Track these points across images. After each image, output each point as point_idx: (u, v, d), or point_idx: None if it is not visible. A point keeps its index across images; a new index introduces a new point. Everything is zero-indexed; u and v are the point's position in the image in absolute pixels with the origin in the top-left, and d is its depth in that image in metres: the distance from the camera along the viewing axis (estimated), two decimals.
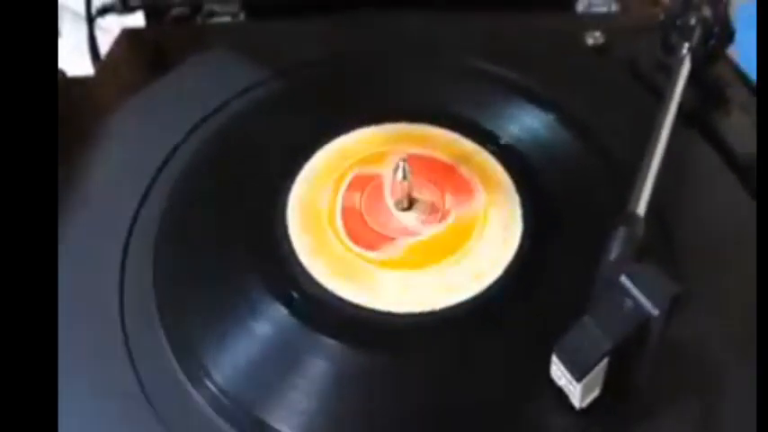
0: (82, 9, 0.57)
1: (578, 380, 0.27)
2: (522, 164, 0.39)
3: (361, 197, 0.37)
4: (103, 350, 0.32)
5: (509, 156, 0.39)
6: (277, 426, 0.29)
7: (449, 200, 0.37)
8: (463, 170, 0.39)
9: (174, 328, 0.32)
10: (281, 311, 0.32)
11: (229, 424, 0.29)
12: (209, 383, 0.30)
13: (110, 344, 0.32)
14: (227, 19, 0.54)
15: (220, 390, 0.30)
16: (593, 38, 0.51)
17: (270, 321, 0.32)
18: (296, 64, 0.46)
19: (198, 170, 0.39)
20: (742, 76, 0.48)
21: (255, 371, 0.31)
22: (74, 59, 0.55)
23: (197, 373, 0.31)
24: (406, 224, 0.36)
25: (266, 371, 0.31)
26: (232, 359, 0.31)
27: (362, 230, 0.36)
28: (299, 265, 0.34)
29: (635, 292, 0.28)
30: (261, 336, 0.32)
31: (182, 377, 0.31)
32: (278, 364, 0.31)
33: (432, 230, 0.36)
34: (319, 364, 0.30)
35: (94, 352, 0.32)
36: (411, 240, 0.35)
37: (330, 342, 0.31)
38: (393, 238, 0.36)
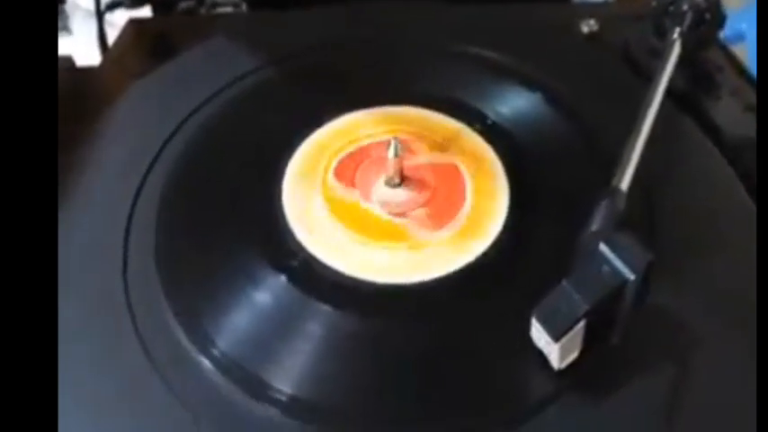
0: (92, 5, 0.58)
1: (556, 340, 0.28)
2: (508, 142, 0.40)
3: (352, 174, 0.39)
4: (108, 320, 0.33)
5: (496, 134, 0.41)
6: (276, 384, 0.30)
7: (438, 177, 0.38)
8: (452, 148, 0.40)
9: (177, 297, 0.34)
10: (279, 280, 0.34)
11: (233, 383, 0.30)
12: (212, 347, 0.31)
13: (114, 313, 0.33)
14: (229, 9, 0.56)
15: (223, 353, 0.31)
16: (588, 25, 0.51)
17: (268, 289, 0.34)
18: (292, 51, 0.47)
19: (199, 149, 0.41)
20: (733, 62, 0.48)
21: (255, 334, 0.32)
22: (84, 55, 0.56)
23: (200, 337, 0.32)
24: (396, 200, 0.37)
25: (264, 334, 0.32)
26: (234, 325, 0.33)
27: (353, 206, 0.37)
28: (294, 238, 0.36)
29: (612, 258, 0.29)
30: (260, 303, 0.33)
31: (185, 341, 0.32)
32: (275, 328, 0.32)
33: (421, 206, 0.37)
34: (313, 328, 0.32)
35: (99, 322, 0.33)
36: (401, 215, 0.37)
37: (323, 308, 0.32)
38: (383, 213, 0.37)
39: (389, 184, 0.38)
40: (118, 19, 0.60)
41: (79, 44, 0.62)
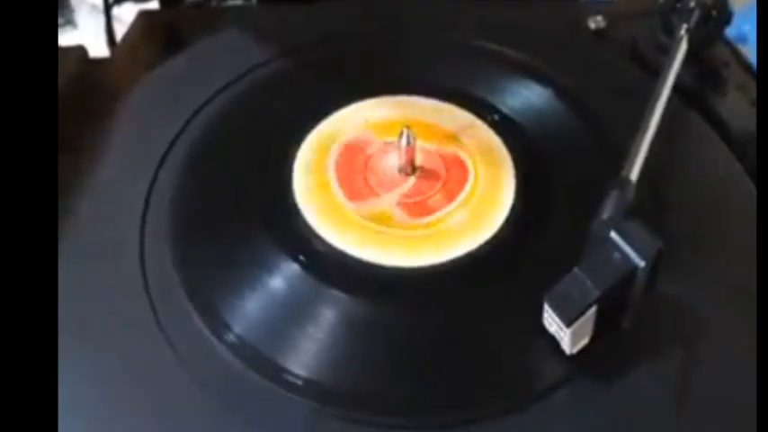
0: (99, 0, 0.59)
1: (568, 325, 0.28)
2: (517, 134, 0.41)
3: (364, 162, 0.39)
4: (128, 314, 0.33)
5: (506, 127, 0.41)
6: (289, 366, 0.31)
7: (449, 166, 0.39)
8: (462, 139, 0.40)
9: (195, 284, 0.34)
10: (291, 266, 0.34)
11: (246, 366, 0.31)
12: (228, 333, 0.32)
13: (134, 306, 0.33)
14: (239, 1, 0.56)
15: (240, 338, 0.32)
16: (595, 22, 0.52)
17: (281, 275, 0.34)
18: (302, 43, 0.48)
19: (210, 140, 0.41)
20: (739, 58, 0.49)
21: (268, 318, 0.33)
22: (90, 49, 0.57)
23: (217, 323, 0.32)
24: (408, 188, 0.38)
25: (277, 318, 0.33)
26: (248, 310, 0.33)
27: (365, 193, 0.38)
28: (306, 224, 0.36)
29: (623, 245, 0.29)
30: (275, 290, 0.34)
31: (202, 327, 0.32)
32: (288, 313, 0.33)
33: (432, 195, 0.38)
34: (325, 313, 0.32)
35: (119, 316, 0.33)
36: (412, 203, 0.37)
37: (334, 293, 0.33)
38: (395, 202, 0.37)
39: (401, 171, 0.38)
40: (123, 14, 0.61)
41: (84, 38, 0.62)
